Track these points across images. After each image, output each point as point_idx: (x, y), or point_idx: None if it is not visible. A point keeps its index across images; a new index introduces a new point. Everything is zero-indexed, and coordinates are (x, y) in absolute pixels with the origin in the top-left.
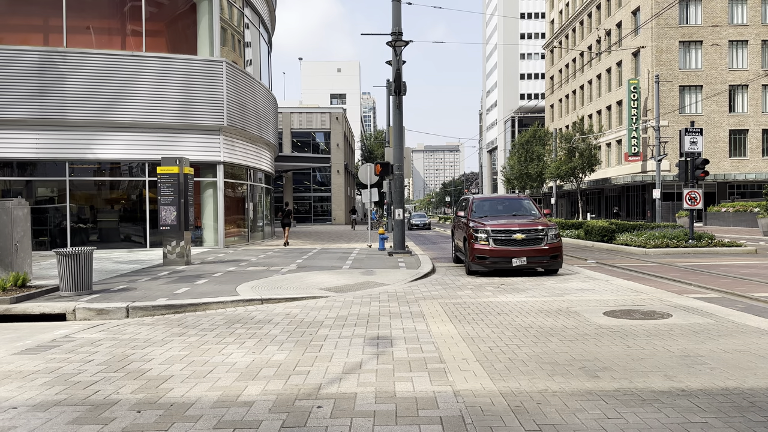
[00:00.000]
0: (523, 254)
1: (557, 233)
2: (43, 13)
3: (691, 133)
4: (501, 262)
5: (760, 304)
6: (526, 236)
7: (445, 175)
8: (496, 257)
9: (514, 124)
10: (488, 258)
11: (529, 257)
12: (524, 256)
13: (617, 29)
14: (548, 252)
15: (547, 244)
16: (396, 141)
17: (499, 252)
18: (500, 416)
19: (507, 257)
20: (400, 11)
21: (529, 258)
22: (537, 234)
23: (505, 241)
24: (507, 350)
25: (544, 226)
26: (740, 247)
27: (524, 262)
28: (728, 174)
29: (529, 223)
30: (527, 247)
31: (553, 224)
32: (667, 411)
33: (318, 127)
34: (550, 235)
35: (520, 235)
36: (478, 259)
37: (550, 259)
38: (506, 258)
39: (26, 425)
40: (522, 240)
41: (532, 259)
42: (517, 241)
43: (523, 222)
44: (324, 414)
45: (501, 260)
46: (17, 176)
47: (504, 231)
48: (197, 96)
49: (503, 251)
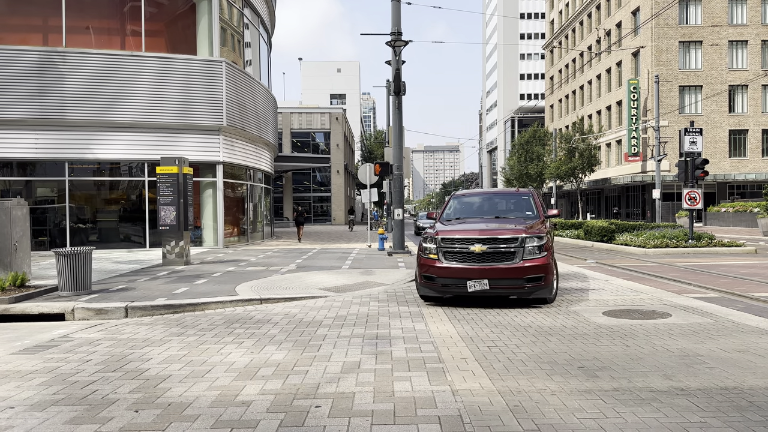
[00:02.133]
0: (482, 275)
1: (544, 245)
2: (43, 13)
3: (690, 133)
4: (454, 286)
5: (760, 303)
6: (489, 248)
7: (445, 176)
8: (447, 278)
9: (514, 124)
10: (436, 278)
11: (492, 279)
12: (485, 278)
13: (617, 29)
14: (524, 272)
15: (524, 260)
16: (395, 141)
17: (450, 271)
18: (498, 416)
19: (462, 278)
20: (399, 11)
21: (493, 281)
22: (506, 245)
23: (460, 256)
24: (506, 350)
25: (525, 233)
26: (740, 247)
27: (485, 287)
28: (728, 174)
29: (499, 229)
30: (490, 265)
31: (543, 231)
32: (666, 410)
33: (318, 128)
34: (529, 247)
35: (480, 247)
36: (425, 280)
37: (528, 282)
38: (460, 280)
39: (23, 425)
40: (482, 254)
41: (498, 282)
42: (475, 256)
43: (495, 227)
44: (322, 414)
45: (454, 283)
46: (17, 176)
47: (458, 240)
48: (197, 96)
49: (456, 270)
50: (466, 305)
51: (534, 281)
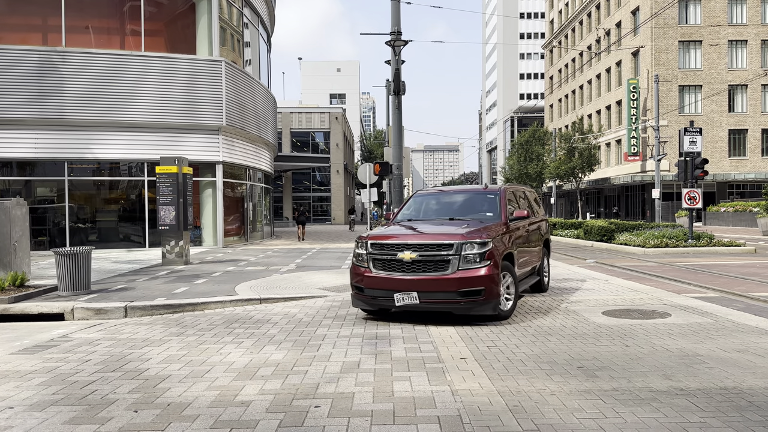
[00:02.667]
0: (412, 286)
1: (488, 252)
2: (42, 13)
3: (690, 133)
4: (383, 298)
5: (759, 303)
6: (419, 256)
7: (444, 175)
8: (375, 289)
9: (514, 123)
10: (365, 290)
11: (422, 292)
12: (414, 290)
13: (617, 29)
14: (458, 284)
15: (460, 270)
16: (395, 141)
17: (378, 281)
18: (498, 416)
19: (390, 290)
20: (399, 11)
21: (424, 293)
22: (438, 252)
23: (389, 264)
24: (505, 349)
25: (464, 238)
26: (739, 247)
27: (414, 301)
28: (728, 174)
29: (435, 234)
30: (420, 275)
31: (490, 236)
32: (666, 410)
33: (317, 127)
34: (467, 255)
35: (409, 254)
36: (356, 291)
37: (463, 296)
38: (388, 292)
39: (23, 425)
40: (412, 263)
41: (429, 295)
42: (405, 265)
43: (431, 232)
44: (321, 413)
45: (382, 295)
46: (16, 176)
47: (387, 246)
48: (196, 96)
49: (384, 281)
50: None
51: (470, 295)
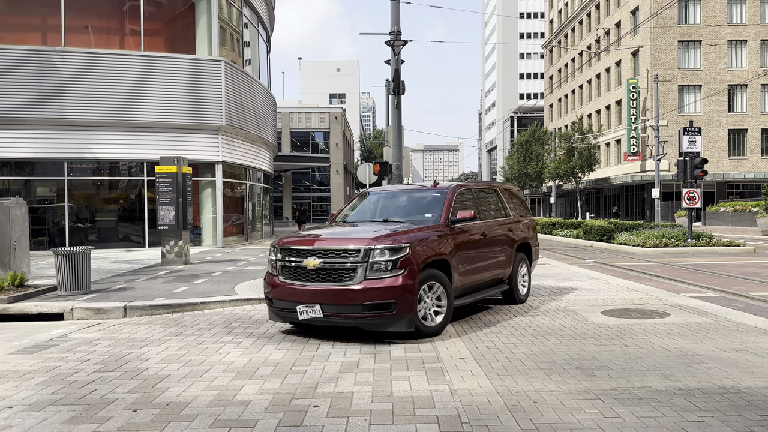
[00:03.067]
0: (315, 298)
1: (402, 259)
2: (42, 13)
3: (689, 133)
4: (289, 311)
5: (759, 303)
6: (324, 263)
7: (444, 175)
8: (281, 300)
9: (514, 123)
10: (274, 301)
11: (325, 304)
12: (317, 303)
13: (616, 29)
14: (363, 297)
15: (366, 280)
16: (395, 140)
17: (285, 291)
18: (497, 415)
19: (294, 302)
20: (398, 10)
21: (327, 306)
22: (343, 259)
23: (294, 272)
24: (504, 349)
25: (374, 242)
26: (739, 247)
27: (318, 314)
28: (727, 173)
29: (346, 238)
30: (324, 285)
31: (408, 241)
32: (664, 410)
33: (317, 127)
34: (375, 263)
35: (313, 261)
36: (267, 301)
37: (369, 311)
38: (293, 303)
39: (22, 424)
40: (316, 271)
41: (333, 308)
42: (309, 273)
43: (347, 236)
44: (320, 413)
45: (288, 307)
46: (16, 176)
47: (294, 252)
48: (196, 95)
49: (289, 291)
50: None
51: (378, 309)
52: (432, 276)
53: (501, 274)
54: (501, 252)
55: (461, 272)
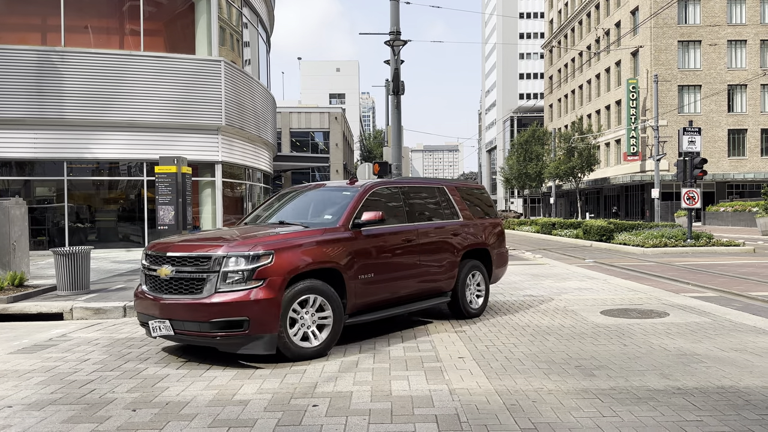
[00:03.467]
0: (165, 312)
1: (260, 269)
2: (41, 13)
3: (689, 133)
4: (146, 325)
5: (758, 303)
6: (176, 272)
7: (444, 175)
8: (140, 313)
9: (513, 123)
10: (138, 313)
11: (174, 320)
12: (167, 318)
13: (616, 29)
14: (211, 313)
15: (217, 293)
16: (394, 140)
17: (143, 303)
18: (495, 414)
19: (148, 316)
20: (398, 10)
21: (176, 323)
22: (197, 268)
23: (152, 281)
24: (504, 349)
25: (228, 248)
26: (738, 247)
27: (169, 331)
28: (727, 174)
29: (200, 244)
30: (174, 298)
31: (273, 246)
32: (663, 409)
33: (317, 127)
34: (233, 273)
35: (166, 270)
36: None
37: (219, 329)
38: (147, 317)
39: (21, 424)
40: (170, 280)
41: (183, 325)
42: (162, 283)
43: (210, 241)
44: (319, 413)
45: (144, 320)
46: (15, 176)
47: (152, 258)
48: (195, 95)
49: (146, 302)
50: None
51: (229, 327)
52: (310, 289)
53: (440, 285)
54: (439, 259)
55: (367, 283)
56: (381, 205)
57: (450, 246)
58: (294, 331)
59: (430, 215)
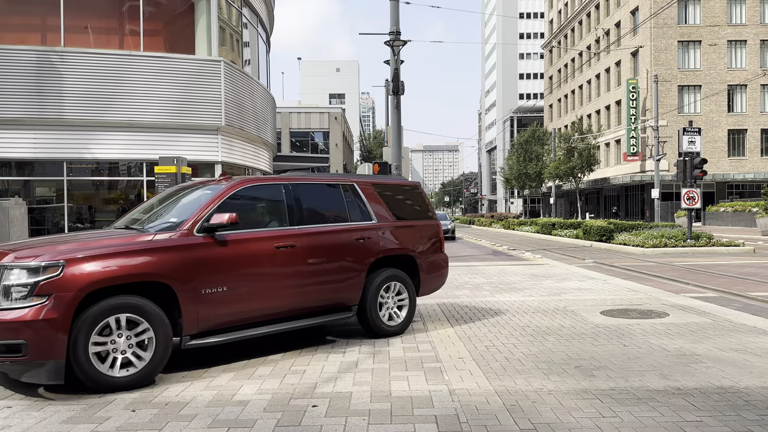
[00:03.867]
0: None
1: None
2: (41, 12)
3: (689, 133)
4: None
5: (757, 303)
6: None
7: (444, 175)
8: None
9: (513, 123)
10: None
11: None
12: None
13: (616, 29)
14: None
15: None
16: (394, 141)
17: None
18: (495, 415)
19: None
20: (398, 11)
21: None
22: None
23: None
24: (503, 349)
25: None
26: (738, 247)
27: None
28: (727, 174)
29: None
30: None
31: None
32: (662, 410)
33: (317, 127)
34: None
35: None
36: None
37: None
38: None
39: (20, 424)
40: None
41: None
42: None
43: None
44: (319, 413)
45: None
46: (15, 176)
47: None
48: (195, 96)
49: None
50: (465, 300)
51: (6, 352)
52: (121, 307)
53: (339, 298)
54: (335, 268)
55: (217, 298)
56: (249, 206)
57: (352, 252)
58: (100, 357)
59: (329, 217)
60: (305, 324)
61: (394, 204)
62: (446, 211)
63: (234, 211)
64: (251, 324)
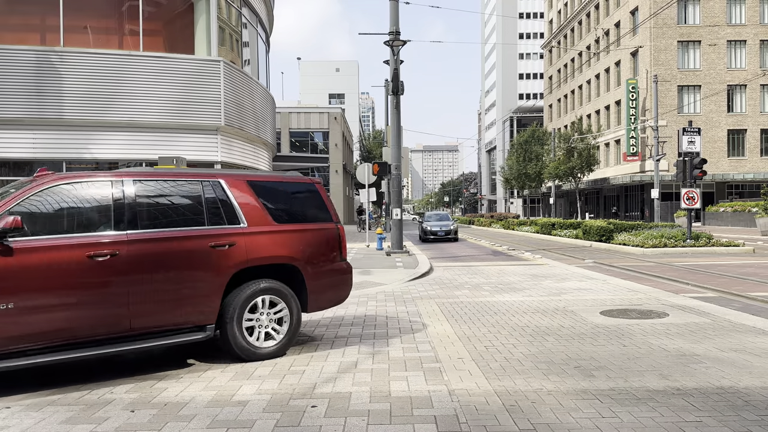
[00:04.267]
0: None
1: None
2: (40, 12)
3: (689, 133)
4: None
5: (757, 303)
6: None
7: (443, 175)
8: None
9: (513, 123)
10: None
11: None
12: None
13: (616, 29)
14: None
15: None
16: (394, 141)
17: None
18: (495, 415)
19: None
20: (397, 11)
21: None
22: None
23: None
24: (503, 349)
25: None
26: (738, 247)
27: None
28: (726, 174)
29: None
30: None
31: None
32: (662, 410)
33: (316, 127)
34: None
35: None
36: None
37: None
38: None
39: (19, 425)
40: None
41: None
42: None
43: None
44: (318, 413)
45: None
46: (15, 176)
47: None
48: (195, 96)
49: None
50: (464, 300)
51: None
52: None
53: (184, 317)
54: (180, 280)
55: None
56: (58, 208)
57: (204, 262)
58: None
59: (176, 220)
60: (132, 347)
61: (279, 205)
62: (446, 212)
63: (38, 212)
64: (55, 348)
